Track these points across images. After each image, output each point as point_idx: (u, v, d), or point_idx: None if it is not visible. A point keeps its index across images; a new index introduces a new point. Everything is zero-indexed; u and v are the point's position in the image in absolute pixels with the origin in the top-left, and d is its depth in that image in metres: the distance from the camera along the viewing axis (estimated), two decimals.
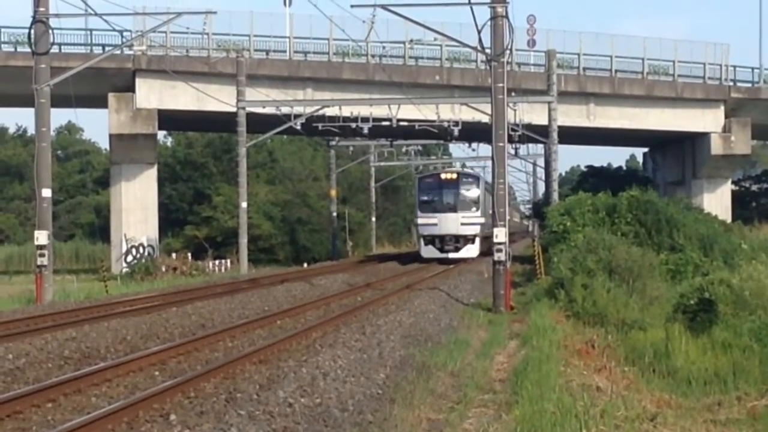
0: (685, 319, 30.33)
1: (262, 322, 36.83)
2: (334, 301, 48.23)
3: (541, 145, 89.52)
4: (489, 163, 78.34)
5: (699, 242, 47.92)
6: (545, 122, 76.60)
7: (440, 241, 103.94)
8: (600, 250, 43.68)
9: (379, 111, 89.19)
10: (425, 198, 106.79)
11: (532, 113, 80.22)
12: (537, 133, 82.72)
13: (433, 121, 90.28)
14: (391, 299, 43.75)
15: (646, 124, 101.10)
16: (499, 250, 44.35)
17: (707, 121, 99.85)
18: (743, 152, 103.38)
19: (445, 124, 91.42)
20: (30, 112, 58.21)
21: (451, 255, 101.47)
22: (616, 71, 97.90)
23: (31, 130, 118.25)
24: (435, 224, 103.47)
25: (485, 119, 57.75)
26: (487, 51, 47.41)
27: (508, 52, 48.52)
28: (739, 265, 37.74)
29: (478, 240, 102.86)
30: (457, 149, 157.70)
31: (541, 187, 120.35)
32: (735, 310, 28.78)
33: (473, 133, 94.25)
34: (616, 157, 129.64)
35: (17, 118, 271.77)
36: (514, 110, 78.10)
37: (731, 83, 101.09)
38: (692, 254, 44.17)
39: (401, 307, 40.46)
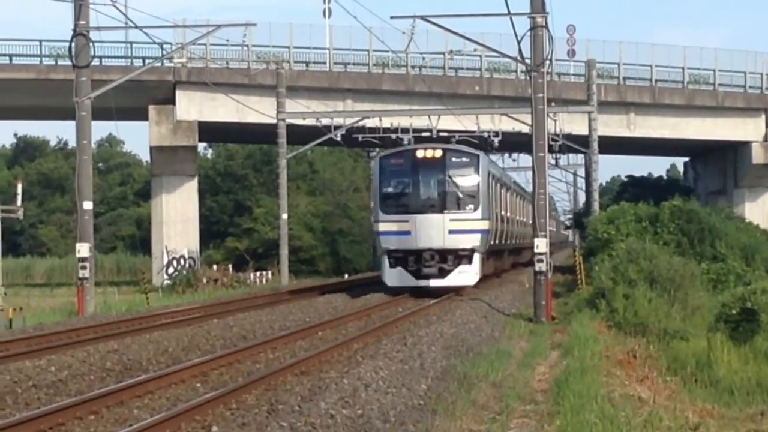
0: (727, 328, 30.24)
1: (303, 333, 36.95)
2: (374, 312, 50.40)
3: (581, 155, 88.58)
4: (530, 173, 63.05)
5: (741, 252, 47.81)
6: (585, 132, 76.29)
7: (415, 261, 62.67)
8: (641, 260, 43.49)
9: (419, 122, 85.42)
10: (390, 190, 65.95)
11: (573, 123, 79.36)
12: (577, 143, 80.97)
13: (473, 131, 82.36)
14: (431, 310, 44.11)
15: (687, 133, 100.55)
16: (540, 261, 44.22)
17: (748, 130, 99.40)
18: None
19: (485, 135, 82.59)
20: (71, 125, 59.47)
21: (434, 283, 61.65)
22: (656, 81, 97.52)
23: (72, 143, 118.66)
24: (406, 232, 63.32)
25: (525, 129, 58.29)
26: (527, 61, 47.35)
27: (548, 62, 48.75)
28: None
29: (478, 258, 63.29)
30: (499, 160, 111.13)
31: (582, 198, 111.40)
32: None
33: (513, 143, 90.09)
34: (656, 166, 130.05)
35: (58, 131, 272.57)
36: (555, 120, 75.46)
37: None
38: (734, 263, 44.05)
39: (442, 318, 40.44)
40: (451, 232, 57.95)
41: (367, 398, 21.71)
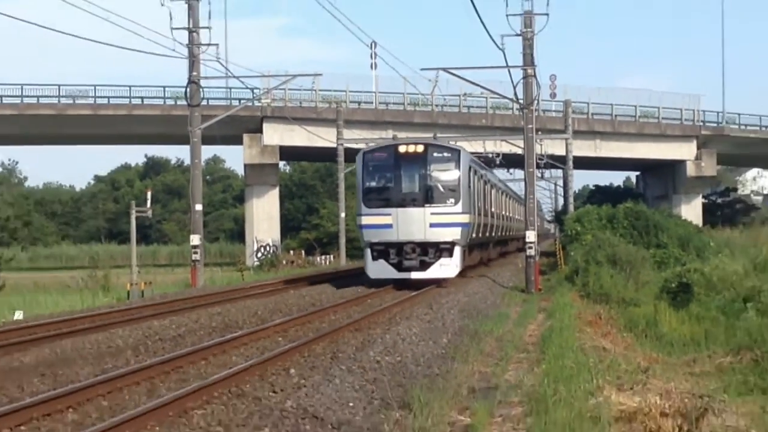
0: (668, 298, 30.22)
1: (355, 301, 37.12)
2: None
3: (560, 170, 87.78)
4: (523, 183, 56.93)
5: (678, 241, 47.75)
6: (563, 153, 75.92)
7: (397, 253, 48.71)
8: (606, 247, 43.94)
9: None
10: (373, 184, 51.87)
11: (554, 147, 78.71)
12: (557, 162, 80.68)
13: (481, 152, 76.07)
14: (450, 284, 43.65)
15: (638, 154, 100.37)
16: (530, 248, 45.17)
17: (683, 152, 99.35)
18: (711, 174, 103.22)
19: (490, 155, 77.61)
20: (186, 148, 62.56)
21: (415, 275, 47.98)
22: (615, 115, 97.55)
23: (187, 161, 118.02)
24: (388, 225, 49.51)
25: (519, 151, 57.55)
26: (520, 101, 47.50)
27: (535, 102, 49.27)
28: (708, 258, 37.59)
29: (458, 250, 48.48)
30: (499, 173, 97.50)
31: (561, 201, 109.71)
32: (706, 291, 28.63)
33: (510, 161, 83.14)
34: (615, 178, 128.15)
35: (177, 153, 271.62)
36: (540, 144, 71.40)
37: (701, 123, 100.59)
38: (673, 250, 44.02)
39: (459, 290, 40.65)
40: (432, 225, 45.33)
41: (403, 348, 21.91)
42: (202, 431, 12.96)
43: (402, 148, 44.75)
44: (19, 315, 36.00)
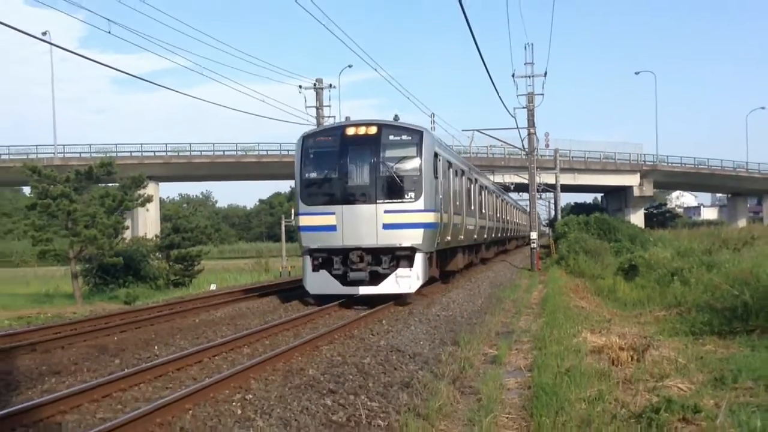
0: (622, 274, 29.75)
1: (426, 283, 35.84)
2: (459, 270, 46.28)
3: (551, 193, 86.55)
4: (527, 201, 55.95)
5: (629, 237, 47.14)
6: (553, 182, 75.26)
7: (342, 262, 23.44)
8: (582, 242, 43.68)
9: None
10: (314, 175, 24.81)
11: (547, 178, 77.84)
12: (550, 188, 79.98)
13: (501, 183, 70.06)
14: (483, 267, 43.27)
15: (602, 182, 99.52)
16: (533, 242, 44.31)
17: (631, 180, 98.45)
18: (649, 195, 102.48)
19: (507, 184, 73.44)
20: None
21: (364, 290, 23.16)
22: (587, 158, 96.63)
23: None
24: (331, 227, 23.73)
25: (525, 181, 57.20)
26: (526, 149, 47.40)
27: (535, 150, 48.68)
28: (648, 248, 37.07)
29: (420, 259, 23.06)
30: (513, 196, 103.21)
31: (553, 213, 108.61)
32: (647, 269, 28.14)
33: (520, 188, 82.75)
34: (588, 198, 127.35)
35: None
36: (539, 177, 71.83)
37: (643, 162, 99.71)
38: (625, 243, 43.33)
39: (489, 270, 40.17)
40: (386, 226, 24.72)
41: (453, 307, 21.71)
42: (328, 359, 12.97)
43: (350, 130, 24.76)
44: (213, 287, 37.40)
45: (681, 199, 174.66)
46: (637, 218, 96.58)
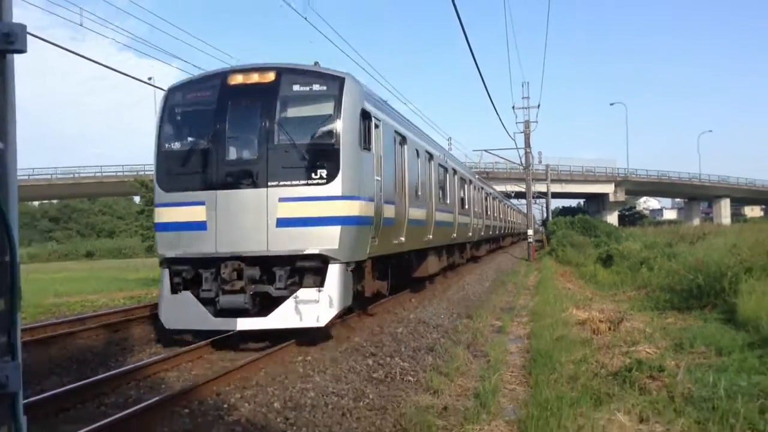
0: (601, 262, 29.50)
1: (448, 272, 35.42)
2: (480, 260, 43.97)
3: (544, 199, 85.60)
4: (521, 199, 53.01)
5: (605, 234, 46.70)
6: (545, 190, 74.67)
7: (216, 278, 9.90)
8: (568, 237, 43.44)
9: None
10: (177, 145, 10.72)
11: (540, 187, 77.04)
12: (542, 195, 79.41)
13: (503, 191, 68.83)
14: (487, 258, 43.02)
15: (584, 190, 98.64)
16: (530, 237, 44.07)
17: (607, 188, 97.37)
18: (622, 200, 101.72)
19: (509, 193, 72.40)
20: None
21: (243, 323, 9.76)
22: (572, 171, 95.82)
23: None
24: (199, 225, 9.96)
25: (524, 189, 56.93)
26: (524, 165, 47.19)
27: (531, 165, 48.30)
28: (621, 242, 36.75)
29: (336, 273, 9.94)
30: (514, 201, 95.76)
31: (545, 214, 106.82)
32: (620, 258, 27.90)
33: (519, 195, 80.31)
34: (572, 202, 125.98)
35: None
36: (534, 186, 71.47)
37: (617, 173, 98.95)
38: (603, 238, 42.91)
39: (493, 260, 39.91)
40: (281, 222, 9.82)
41: (467, 289, 21.58)
42: (369, 329, 12.95)
43: (235, 79, 10.76)
44: None
45: (647, 203, 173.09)
46: (613, 218, 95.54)
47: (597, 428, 6.43)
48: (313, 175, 10.40)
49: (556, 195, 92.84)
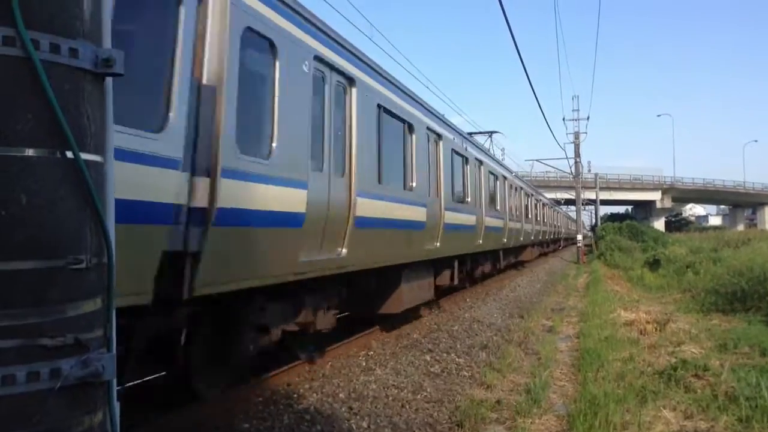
0: (648, 266, 28.78)
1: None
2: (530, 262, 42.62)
3: (593, 206, 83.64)
4: (570, 206, 53.74)
5: (653, 239, 45.58)
6: (594, 197, 73.20)
7: None
8: (617, 242, 42.56)
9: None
10: None
11: (589, 195, 75.95)
12: (592, 202, 77.93)
13: (554, 198, 76.97)
14: (538, 261, 42.45)
15: (632, 197, 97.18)
16: (579, 242, 43.34)
17: (654, 196, 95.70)
18: (668, 207, 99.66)
19: (560, 199, 70.67)
20: None
21: None
22: (620, 179, 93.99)
23: None
24: None
25: (574, 197, 55.75)
26: (573, 173, 46.39)
27: (580, 174, 47.56)
28: (667, 247, 35.78)
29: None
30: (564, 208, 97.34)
31: (594, 220, 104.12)
32: (667, 262, 27.16)
33: (569, 203, 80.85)
34: (621, 209, 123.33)
35: None
36: (583, 193, 70.08)
37: (663, 181, 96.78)
38: (651, 243, 41.90)
39: (544, 264, 39.33)
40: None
41: (518, 290, 21.30)
42: (428, 327, 12.90)
43: None
44: None
45: (693, 210, 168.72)
46: (659, 225, 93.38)
47: (643, 424, 6.28)
48: None
49: (604, 202, 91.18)
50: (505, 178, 22.62)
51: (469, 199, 15.36)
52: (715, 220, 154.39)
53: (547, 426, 7.25)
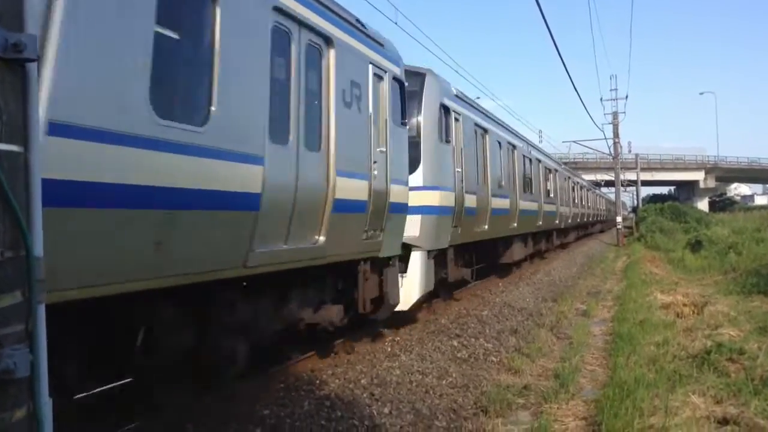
0: (689, 247, 28.04)
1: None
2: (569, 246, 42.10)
3: (633, 187, 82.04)
4: (611, 187, 50.32)
5: (695, 220, 44.52)
6: (635, 179, 71.72)
7: None
8: (658, 223, 41.73)
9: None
10: None
11: (629, 176, 74.06)
12: (633, 183, 76.31)
13: (594, 180, 67.62)
14: (576, 244, 41.63)
15: (674, 178, 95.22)
16: (619, 224, 42.45)
17: (697, 176, 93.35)
18: (712, 187, 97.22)
19: (600, 181, 69.88)
20: None
21: None
22: (662, 159, 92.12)
23: None
24: None
25: (612, 179, 54.47)
26: (612, 154, 45.53)
27: (619, 155, 46.48)
28: (711, 227, 34.84)
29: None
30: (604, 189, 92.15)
31: (635, 202, 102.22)
32: (709, 243, 26.44)
33: (609, 184, 79.41)
34: (663, 190, 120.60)
35: None
36: (623, 175, 68.44)
37: (707, 161, 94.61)
38: (693, 224, 40.91)
39: (582, 245, 38.71)
40: None
41: (553, 274, 20.91)
42: (456, 312, 12.71)
43: None
44: None
45: (738, 189, 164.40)
46: (703, 205, 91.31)
47: (671, 409, 6.02)
48: None
49: (645, 183, 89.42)
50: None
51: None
52: (761, 200, 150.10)
53: (575, 411, 7.05)
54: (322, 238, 6.83)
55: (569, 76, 55.32)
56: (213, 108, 5.07)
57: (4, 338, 1.62)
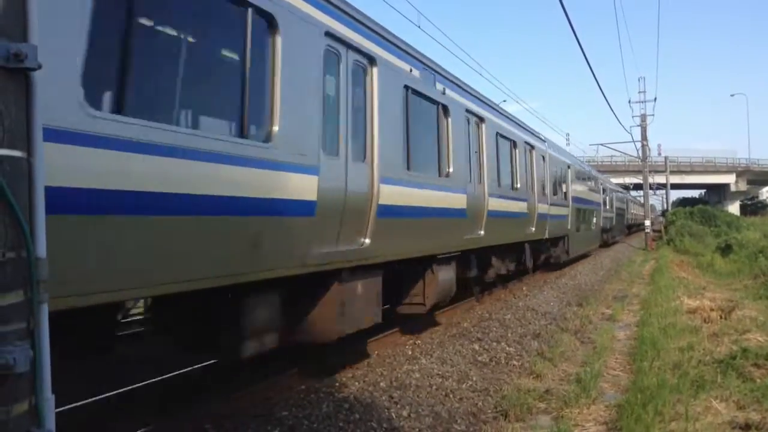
0: (719, 251, 27.61)
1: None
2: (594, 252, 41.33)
3: (663, 190, 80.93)
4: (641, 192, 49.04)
5: (726, 224, 43.81)
6: (664, 182, 70.77)
7: None
8: (687, 227, 41.14)
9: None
10: None
11: (659, 179, 73.33)
12: (662, 186, 75.51)
13: (623, 183, 66.91)
14: (604, 248, 41.21)
15: (704, 181, 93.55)
16: (647, 227, 41.87)
17: (728, 179, 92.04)
18: (743, 190, 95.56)
19: (628, 185, 71.27)
20: None
21: None
22: (692, 162, 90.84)
23: None
24: None
25: (641, 182, 53.83)
26: (641, 157, 44.97)
27: (648, 157, 45.84)
28: (741, 231, 34.29)
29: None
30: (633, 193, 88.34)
31: (665, 205, 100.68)
32: (739, 247, 26.02)
33: (637, 187, 78.12)
34: (693, 193, 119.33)
35: None
36: (653, 178, 67.72)
37: (738, 164, 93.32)
38: (724, 228, 40.28)
39: (610, 250, 38.15)
40: None
41: (579, 278, 20.69)
42: (479, 315, 12.68)
43: None
44: None
45: None
46: (734, 209, 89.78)
47: (692, 415, 5.94)
48: None
49: (675, 186, 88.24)
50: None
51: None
52: None
53: (596, 416, 6.98)
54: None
55: (595, 77, 55.13)
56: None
57: (4, 335, 1.67)
